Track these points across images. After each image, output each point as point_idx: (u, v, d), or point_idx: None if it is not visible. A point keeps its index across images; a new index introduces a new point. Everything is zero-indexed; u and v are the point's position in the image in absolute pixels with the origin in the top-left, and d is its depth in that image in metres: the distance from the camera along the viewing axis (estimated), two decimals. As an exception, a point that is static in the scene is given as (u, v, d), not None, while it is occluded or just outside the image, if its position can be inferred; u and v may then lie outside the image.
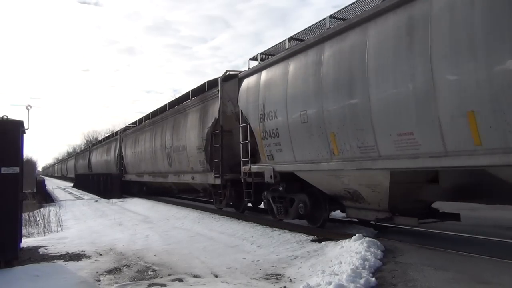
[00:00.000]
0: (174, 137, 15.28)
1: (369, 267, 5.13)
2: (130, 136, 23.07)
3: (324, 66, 7.41)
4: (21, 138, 6.79)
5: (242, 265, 6.14)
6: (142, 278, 5.61)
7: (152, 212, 14.56)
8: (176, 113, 15.85)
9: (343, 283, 4.46)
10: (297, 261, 6.16)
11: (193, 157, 13.47)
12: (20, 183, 6.75)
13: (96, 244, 8.34)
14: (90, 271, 6.04)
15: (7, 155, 6.41)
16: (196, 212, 13.10)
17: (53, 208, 15.69)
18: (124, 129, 25.32)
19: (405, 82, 5.74)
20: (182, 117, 14.85)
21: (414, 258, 5.51)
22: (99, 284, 5.41)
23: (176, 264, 6.35)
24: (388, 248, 6.04)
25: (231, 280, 5.33)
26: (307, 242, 7.38)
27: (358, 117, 6.61)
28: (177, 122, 15.29)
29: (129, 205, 18.32)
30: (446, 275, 4.69)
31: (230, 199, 11.82)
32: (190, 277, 5.60)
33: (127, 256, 7.07)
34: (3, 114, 6.66)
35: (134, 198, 21.13)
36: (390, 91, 6.00)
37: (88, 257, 7.10)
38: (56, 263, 6.73)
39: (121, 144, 24.67)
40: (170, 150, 15.81)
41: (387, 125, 6.12)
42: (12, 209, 6.46)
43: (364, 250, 5.69)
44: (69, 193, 30.93)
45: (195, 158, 13.34)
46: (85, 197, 25.64)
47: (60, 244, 8.38)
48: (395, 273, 4.93)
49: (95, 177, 29.02)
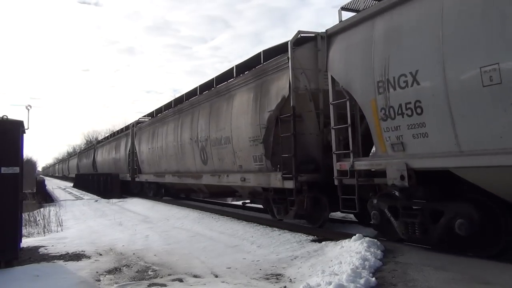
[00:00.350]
0: (212, 127, 12.06)
1: (369, 267, 5.13)
2: (145, 130, 19.93)
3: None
4: (21, 138, 6.79)
5: (242, 265, 6.13)
6: (142, 278, 5.61)
7: (152, 212, 14.55)
8: (214, 96, 12.39)
9: (343, 283, 4.46)
10: (297, 261, 6.16)
11: (244, 151, 10.34)
12: (20, 183, 6.75)
13: (96, 244, 8.33)
14: (90, 271, 6.04)
15: (7, 155, 6.40)
16: (196, 212, 13.09)
17: (53, 208, 15.68)
18: (137, 122, 22.01)
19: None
20: (224, 101, 11.55)
21: (414, 258, 5.51)
22: (99, 284, 5.41)
23: (176, 264, 6.35)
24: (388, 248, 6.03)
25: (231, 280, 5.33)
26: (307, 242, 7.38)
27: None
28: (216, 107, 11.99)
29: (129, 205, 18.30)
30: (446, 275, 4.68)
31: (304, 209, 8.48)
32: (190, 277, 5.60)
33: (127, 256, 7.06)
34: (3, 114, 6.66)
35: (134, 198, 21.10)
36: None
37: (88, 257, 7.09)
38: (56, 263, 6.73)
39: (134, 140, 21.48)
40: (205, 143, 12.56)
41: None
42: (12, 209, 6.46)
43: (364, 250, 5.68)
44: (69, 193, 30.91)
45: (247, 153, 10.19)
46: (85, 197, 25.63)
47: (60, 244, 8.38)
48: (395, 273, 4.92)
49: (95, 177, 28.97)
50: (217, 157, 11.90)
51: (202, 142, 12.79)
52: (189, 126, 13.97)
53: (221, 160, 11.68)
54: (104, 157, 30.16)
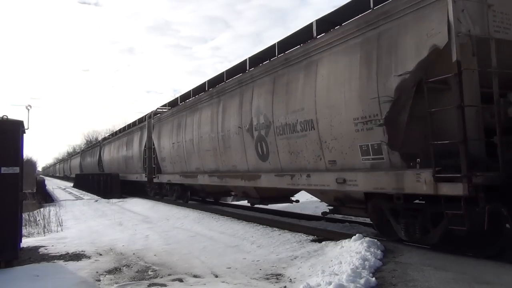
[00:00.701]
0: (279, 107, 8.82)
1: (369, 267, 5.13)
2: (167, 121, 16.61)
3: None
4: (21, 138, 6.80)
5: (242, 265, 6.13)
6: (142, 278, 5.61)
7: (152, 212, 14.55)
8: (279, 67, 9.09)
9: (343, 283, 4.46)
10: (297, 261, 6.15)
11: (341, 140, 7.19)
12: (20, 183, 6.76)
13: (96, 244, 8.33)
14: (90, 271, 6.04)
15: (7, 155, 6.41)
16: (196, 212, 13.08)
17: (53, 208, 15.69)
18: (155, 113, 18.54)
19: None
20: (300, 71, 8.31)
21: (414, 258, 5.50)
22: (99, 284, 5.41)
23: (176, 264, 6.35)
24: (388, 248, 6.03)
25: (231, 280, 5.33)
26: (307, 242, 7.37)
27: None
28: (284, 81, 8.80)
29: (129, 205, 18.30)
30: (446, 275, 4.68)
31: (477, 227, 5.15)
32: (190, 277, 5.60)
33: (127, 256, 7.06)
34: (3, 114, 6.68)
35: (134, 198, 21.10)
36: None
37: (88, 257, 7.10)
38: (56, 263, 6.73)
39: (152, 133, 18.24)
40: (265, 132, 9.40)
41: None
42: (12, 209, 6.46)
43: (364, 250, 5.68)
44: (69, 193, 30.92)
45: (347, 142, 7.06)
46: (85, 197, 25.63)
47: (60, 244, 8.38)
48: (395, 273, 4.92)
49: (95, 177, 28.94)
50: (286, 150, 8.75)
51: (259, 131, 9.63)
52: (237, 111, 10.69)
53: (294, 154, 8.55)
54: (112, 155, 27.11)
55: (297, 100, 8.25)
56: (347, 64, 7.08)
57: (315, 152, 7.86)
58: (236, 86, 11.03)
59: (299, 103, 8.18)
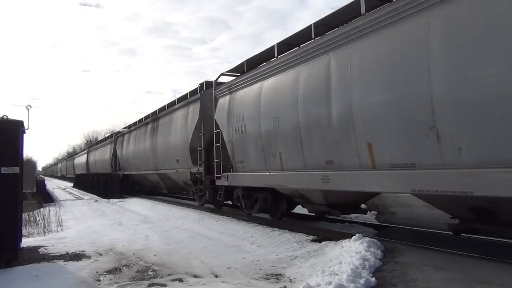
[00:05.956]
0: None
1: (369, 267, 5.13)
2: (239, 91, 10.23)
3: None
4: (21, 138, 6.79)
5: (242, 265, 6.13)
6: (142, 278, 5.61)
7: (152, 212, 14.55)
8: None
9: (343, 283, 4.46)
10: (297, 261, 6.16)
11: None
12: (20, 183, 6.75)
13: (96, 244, 8.33)
14: (90, 271, 6.04)
15: (7, 155, 6.40)
16: (196, 212, 13.08)
17: (53, 208, 15.67)
18: (217, 83, 11.65)
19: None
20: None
21: (414, 258, 5.51)
22: (99, 284, 5.40)
23: (176, 264, 6.35)
24: (388, 248, 6.03)
25: (231, 280, 5.33)
26: (307, 242, 7.38)
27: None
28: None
29: (129, 205, 18.30)
30: (446, 275, 4.68)
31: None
32: (190, 277, 5.60)
33: (127, 256, 7.06)
34: (3, 114, 6.66)
35: (134, 198, 21.09)
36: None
37: (88, 257, 7.09)
38: (56, 263, 6.73)
39: (209, 110, 11.99)
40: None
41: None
42: (12, 209, 6.45)
43: (364, 250, 5.68)
44: (69, 193, 30.90)
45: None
46: (85, 197, 25.62)
47: (60, 244, 8.38)
48: (395, 273, 4.92)
49: (95, 177, 28.95)
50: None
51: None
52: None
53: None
54: (134, 148, 20.82)
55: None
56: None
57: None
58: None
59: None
